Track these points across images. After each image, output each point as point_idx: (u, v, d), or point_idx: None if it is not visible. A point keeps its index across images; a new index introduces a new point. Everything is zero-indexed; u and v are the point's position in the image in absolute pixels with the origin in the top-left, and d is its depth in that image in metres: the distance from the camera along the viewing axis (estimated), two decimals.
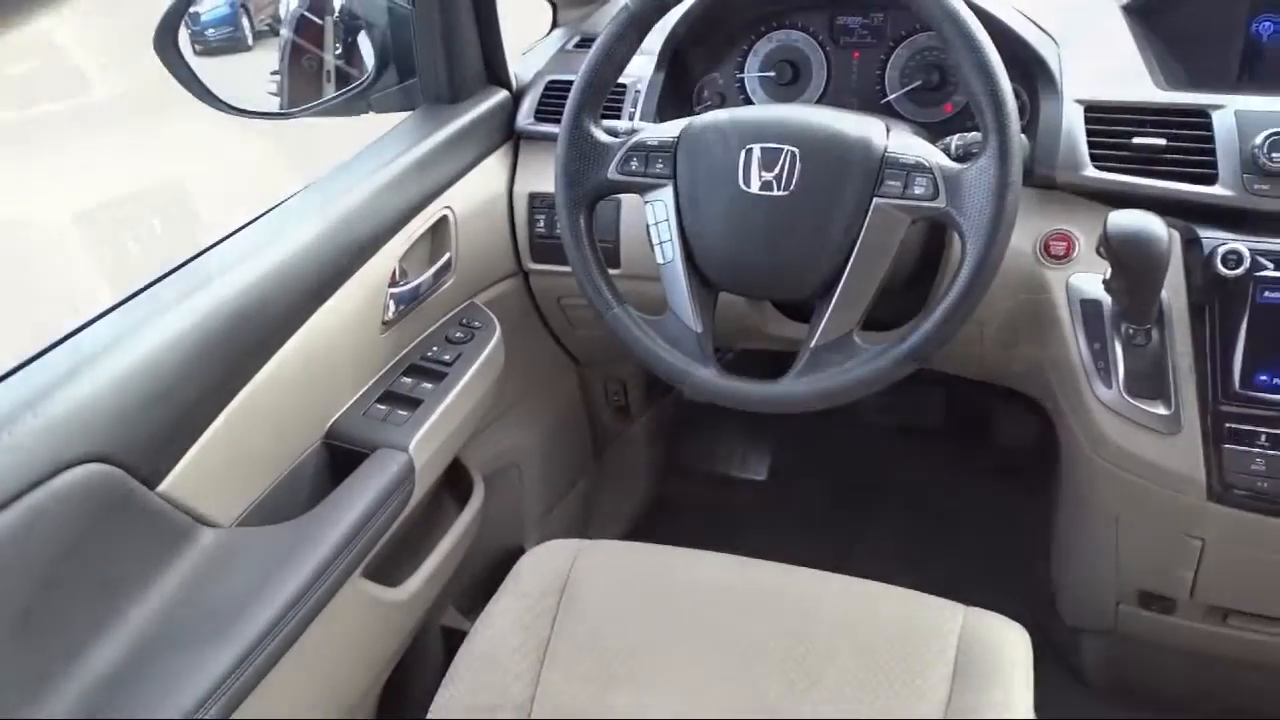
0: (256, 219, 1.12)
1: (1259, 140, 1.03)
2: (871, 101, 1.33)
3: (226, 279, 1.00)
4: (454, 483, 1.37)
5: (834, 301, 1.00)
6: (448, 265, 1.29)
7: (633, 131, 1.09)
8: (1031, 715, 1.01)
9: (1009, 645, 1.05)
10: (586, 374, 1.77)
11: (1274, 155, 1.02)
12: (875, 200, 0.98)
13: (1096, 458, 1.13)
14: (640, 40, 1.06)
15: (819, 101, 1.36)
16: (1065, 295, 1.12)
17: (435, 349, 1.26)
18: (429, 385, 1.20)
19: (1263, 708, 1.44)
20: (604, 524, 1.92)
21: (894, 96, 1.32)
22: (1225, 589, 1.20)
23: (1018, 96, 1.20)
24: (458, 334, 1.29)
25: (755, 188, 1.01)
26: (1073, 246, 1.13)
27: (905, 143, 1.00)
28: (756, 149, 1.01)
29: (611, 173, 1.07)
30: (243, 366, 1.00)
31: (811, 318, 1.02)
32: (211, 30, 1.43)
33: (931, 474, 1.99)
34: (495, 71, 1.41)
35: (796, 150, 1.00)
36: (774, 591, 1.12)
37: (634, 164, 1.06)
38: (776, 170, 1.00)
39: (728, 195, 1.02)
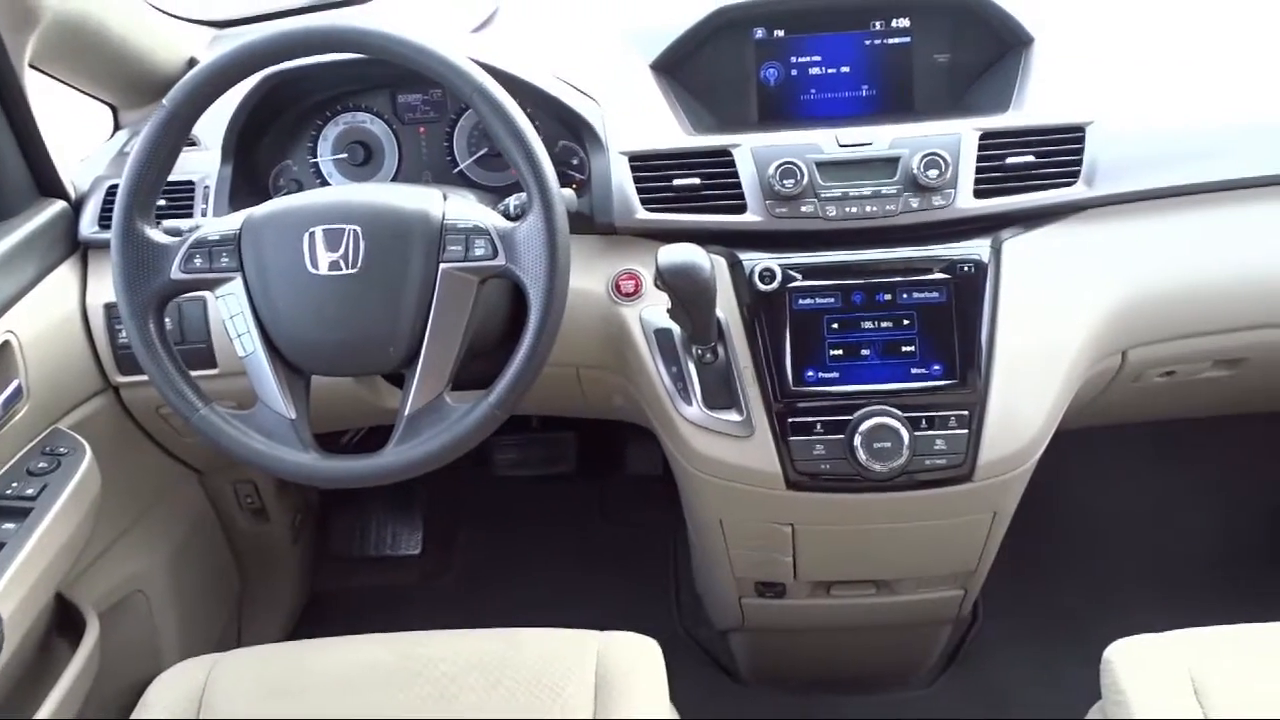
0: None
1: (772, 171, 1.18)
2: (445, 172, 1.39)
3: None
4: (64, 625, 1.27)
5: (419, 369, 1.03)
6: (18, 393, 1.19)
7: (195, 229, 1.07)
8: (667, 715, 1.09)
9: (642, 659, 1.12)
10: (211, 480, 1.69)
11: (785, 182, 1.18)
12: (441, 266, 1.03)
13: (692, 469, 1.24)
14: (184, 136, 1.05)
15: (395, 178, 1.40)
16: (640, 328, 1.22)
17: (15, 485, 1.16)
18: (10, 525, 1.11)
19: (880, 664, 1.62)
20: (259, 632, 1.84)
21: (465, 165, 1.38)
22: (821, 564, 1.35)
23: (574, 154, 1.32)
24: (41, 464, 1.19)
25: (324, 269, 1.02)
26: (640, 284, 1.23)
27: (462, 209, 1.05)
28: (318, 231, 1.03)
29: (174, 273, 1.05)
30: None
31: (403, 387, 1.05)
32: None
33: (576, 515, 2.08)
34: (46, 182, 1.32)
35: (358, 228, 1.02)
36: (419, 660, 1.12)
37: (197, 261, 1.05)
38: (341, 250, 1.02)
39: (297, 280, 1.03)
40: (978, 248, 1.18)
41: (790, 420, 1.17)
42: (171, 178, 1.26)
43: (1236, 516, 1.98)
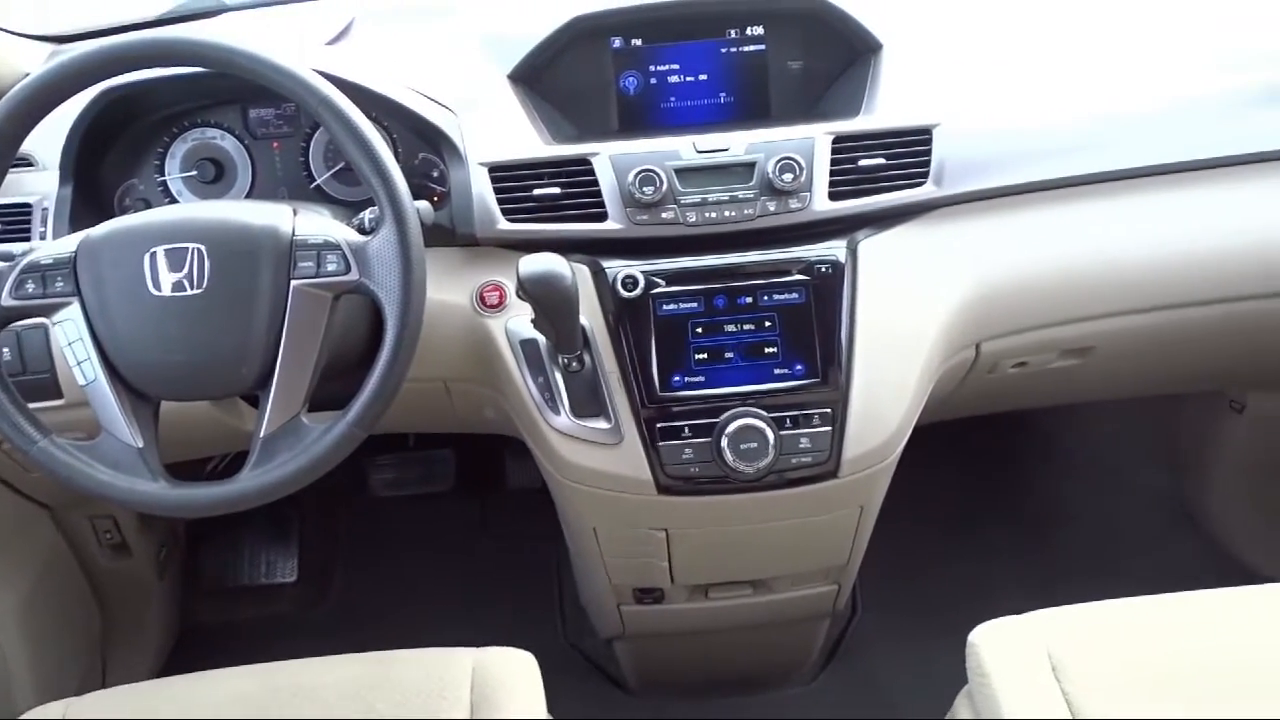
0: None
1: (631, 178, 1.19)
2: (302, 187, 1.36)
3: None
4: None
5: (273, 389, 1.00)
6: None
7: (28, 252, 1.02)
8: None
9: (518, 673, 1.11)
10: (64, 517, 1.61)
11: (645, 190, 1.19)
12: (293, 283, 1.00)
13: (564, 479, 1.23)
14: (9, 156, 1.01)
15: (249, 195, 1.36)
16: (505, 339, 1.21)
17: None
18: None
19: (763, 663, 1.64)
20: (126, 673, 1.76)
21: (322, 180, 1.35)
22: (697, 567, 1.36)
23: (434, 166, 1.30)
24: None
25: (167, 290, 0.99)
26: (504, 295, 1.22)
27: (312, 224, 1.03)
28: (160, 251, 0.99)
29: (4, 300, 0.99)
30: None
31: (258, 409, 1.02)
32: None
33: (457, 533, 2.05)
34: None
35: (203, 247, 0.99)
36: (289, 691, 1.09)
37: (30, 286, 1.00)
38: (185, 270, 0.99)
39: (139, 303, 0.99)
40: (834, 249, 1.21)
41: (658, 425, 1.18)
42: (7, 200, 1.21)
43: (1100, 500, 2.07)
